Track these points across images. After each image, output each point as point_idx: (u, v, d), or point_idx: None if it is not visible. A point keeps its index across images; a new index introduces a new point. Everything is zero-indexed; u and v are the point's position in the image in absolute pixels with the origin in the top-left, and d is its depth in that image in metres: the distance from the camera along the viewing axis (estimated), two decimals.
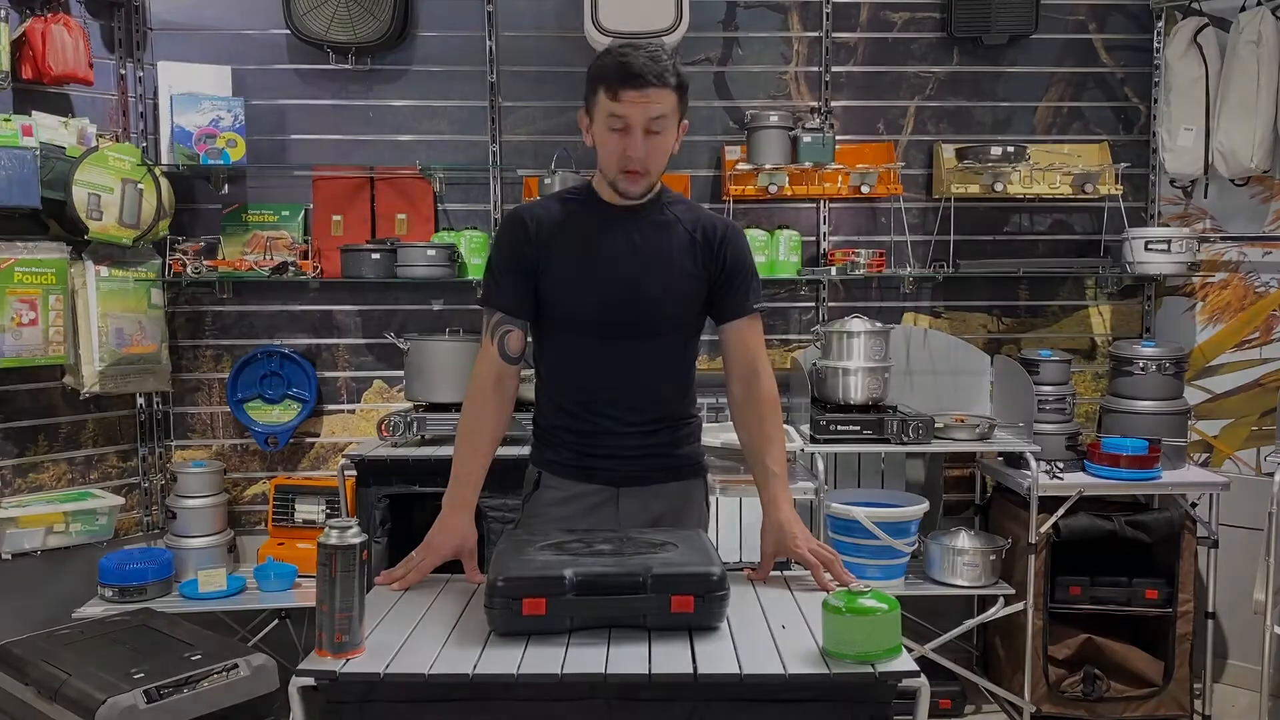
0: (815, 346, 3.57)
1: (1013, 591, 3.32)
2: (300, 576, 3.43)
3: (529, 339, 2.08)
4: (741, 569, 1.97)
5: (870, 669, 1.50)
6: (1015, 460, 3.41)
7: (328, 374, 3.80)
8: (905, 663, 1.52)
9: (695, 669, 1.50)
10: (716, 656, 1.55)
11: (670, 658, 1.54)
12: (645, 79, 1.88)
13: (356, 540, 1.55)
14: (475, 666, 1.51)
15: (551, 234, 2.02)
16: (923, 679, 1.51)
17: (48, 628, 2.84)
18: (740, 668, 1.51)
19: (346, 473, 3.30)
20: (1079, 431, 3.56)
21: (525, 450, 2.19)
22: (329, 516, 3.55)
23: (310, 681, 1.51)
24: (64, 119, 3.32)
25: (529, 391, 2.17)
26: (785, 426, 3.37)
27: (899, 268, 3.78)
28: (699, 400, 2.21)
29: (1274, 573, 3.11)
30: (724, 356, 2.13)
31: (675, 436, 2.12)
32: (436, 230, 3.74)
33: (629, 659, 1.53)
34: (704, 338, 2.15)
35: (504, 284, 2.03)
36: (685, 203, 2.13)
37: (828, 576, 1.91)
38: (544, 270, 2.01)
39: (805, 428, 3.32)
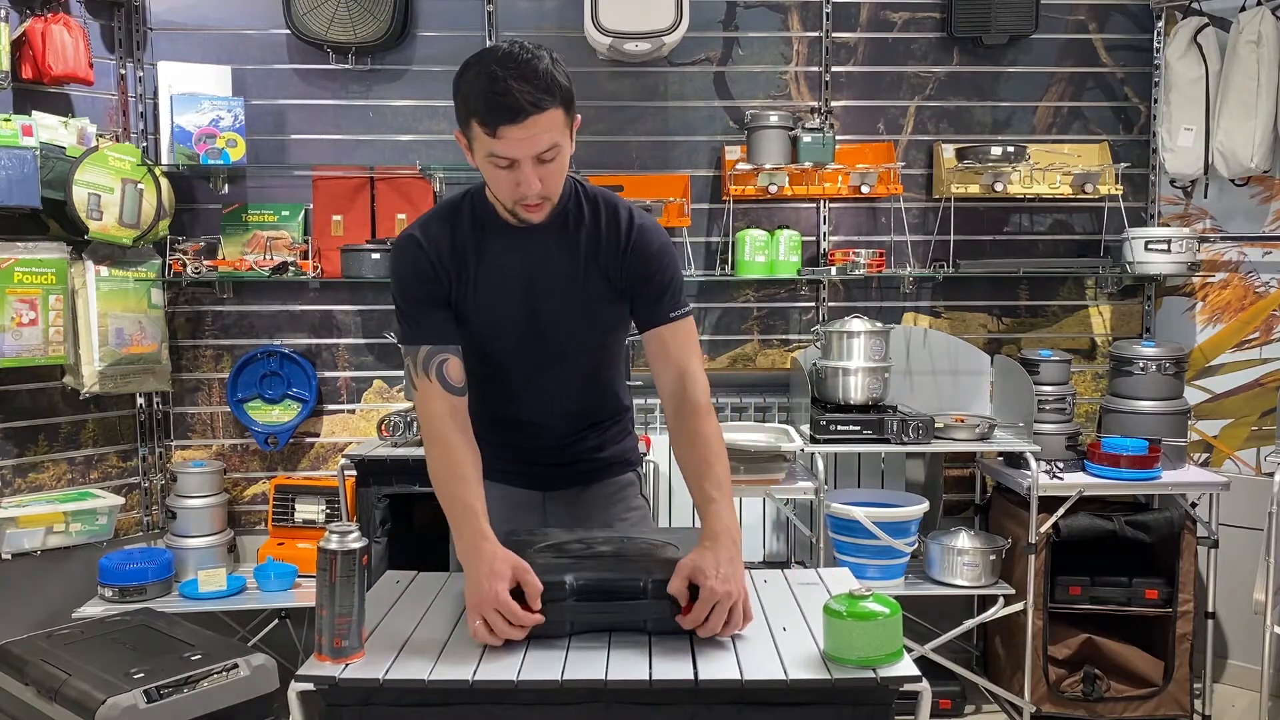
0: (815, 346, 3.57)
1: (1013, 591, 3.32)
2: (300, 576, 3.43)
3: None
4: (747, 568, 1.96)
5: (872, 674, 1.50)
6: (1015, 460, 3.41)
7: (328, 374, 3.80)
8: (907, 667, 1.51)
9: (696, 674, 1.50)
10: (717, 661, 1.55)
11: (671, 663, 1.54)
12: (522, 110, 1.61)
13: (356, 545, 1.54)
14: (475, 672, 1.51)
15: (448, 260, 1.82)
16: (924, 684, 1.51)
17: (48, 628, 2.85)
18: (741, 673, 1.51)
19: (346, 473, 3.30)
20: (1079, 431, 3.56)
21: None
22: (329, 516, 3.55)
23: (310, 686, 1.51)
24: (64, 119, 3.31)
25: None
26: (785, 427, 3.40)
27: (899, 268, 3.78)
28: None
29: (1274, 573, 3.11)
30: (649, 362, 1.90)
31: (602, 439, 2.03)
32: None
33: (629, 664, 1.53)
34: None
35: (424, 318, 1.81)
36: (588, 195, 1.87)
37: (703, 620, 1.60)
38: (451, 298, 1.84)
39: (805, 428, 3.32)
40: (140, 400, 3.71)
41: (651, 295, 1.85)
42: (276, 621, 3.55)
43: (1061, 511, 3.28)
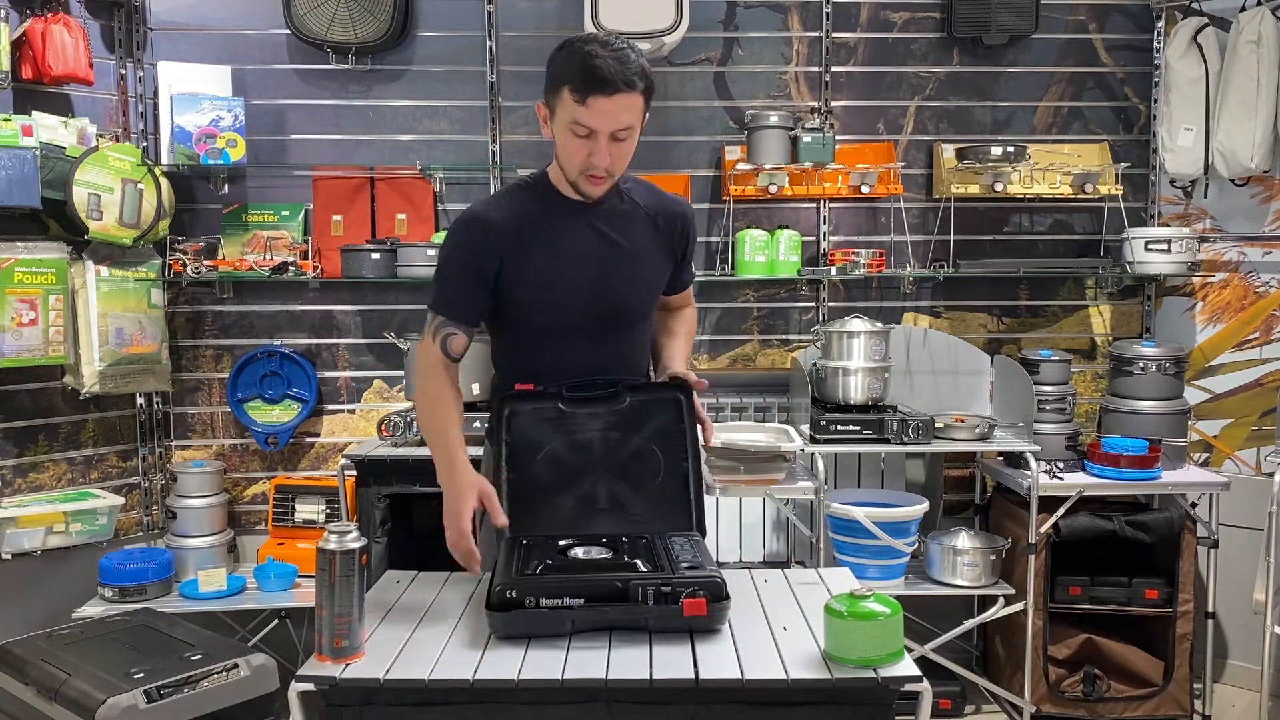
0: (815, 346, 3.57)
1: (1013, 591, 3.32)
2: (300, 576, 3.43)
3: (472, 340, 2.04)
4: (742, 568, 1.98)
5: (872, 674, 1.50)
6: (1015, 460, 3.41)
7: (328, 374, 3.80)
8: (908, 667, 1.52)
9: (696, 674, 1.50)
10: (718, 660, 1.55)
11: (671, 662, 1.54)
12: (614, 85, 1.83)
13: (355, 545, 1.55)
14: (475, 672, 1.51)
15: (512, 236, 1.98)
16: (925, 684, 1.51)
17: (48, 628, 2.85)
18: (742, 672, 1.51)
19: (346, 473, 3.30)
20: (1079, 431, 3.56)
21: None
22: (329, 516, 3.55)
23: (310, 686, 1.51)
24: (64, 119, 3.31)
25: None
26: (785, 427, 3.40)
27: (899, 268, 3.78)
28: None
29: (1274, 573, 3.11)
30: (667, 307, 2.26)
31: None
32: (436, 230, 3.74)
33: (630, 663, 1.53)
34: None
35: (458, 294, 1.99)
36: (639, 183, 2.12)
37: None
38: (505, 273, 1.98)
39: (805, 428, 3.32)
40: (140, 400, 3.71)
41: (688, 266, 2.22)
42: (276, 621, 3.55)
43: (1061, 511, 3.28)
